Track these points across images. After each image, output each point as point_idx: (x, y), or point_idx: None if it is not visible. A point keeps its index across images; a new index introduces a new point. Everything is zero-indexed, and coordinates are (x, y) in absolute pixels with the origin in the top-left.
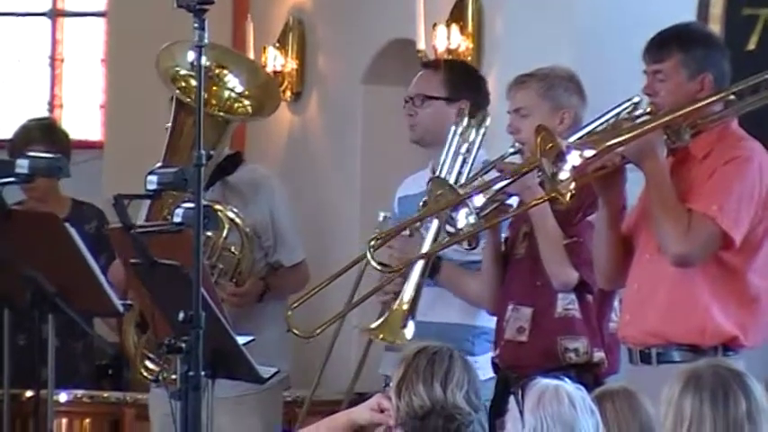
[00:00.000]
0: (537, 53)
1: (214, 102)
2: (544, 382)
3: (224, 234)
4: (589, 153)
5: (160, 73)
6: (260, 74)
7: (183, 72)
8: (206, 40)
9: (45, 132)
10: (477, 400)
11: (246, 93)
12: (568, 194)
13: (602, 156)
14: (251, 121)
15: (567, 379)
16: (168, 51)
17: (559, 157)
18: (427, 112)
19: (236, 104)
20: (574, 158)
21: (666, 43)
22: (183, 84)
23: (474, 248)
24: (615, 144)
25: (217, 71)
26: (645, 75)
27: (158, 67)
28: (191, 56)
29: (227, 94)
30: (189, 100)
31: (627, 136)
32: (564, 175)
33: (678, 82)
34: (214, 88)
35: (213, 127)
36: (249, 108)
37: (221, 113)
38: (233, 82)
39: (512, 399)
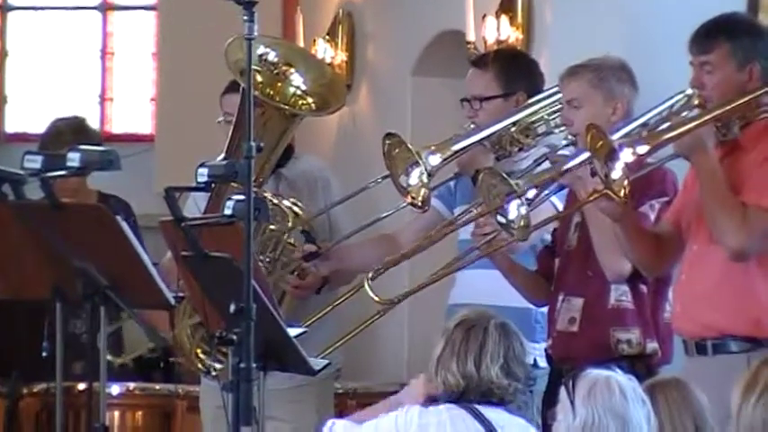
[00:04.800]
0: (587, 43)
1: (278, 98)
2: (595, 372)
3: (287, 228)
4: (642, 150)
5: (229, 65)
6: (326, 72)
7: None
8: (255, 33)
9: (76, 132)
10: (520, 367)
11: (311, 91)
12: (622, 191)
13: (655, 151)
14: (315, 116)
15: (618, 369)
16: (237, 44)
17: (611, 155)
18: (487, 113)
19: (300, 101)
20: (626, 156)
21: (712, 34)
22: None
23: (526, 239)
24: (667, 140)
25: (284, 68)
26: (692, 66)
27: (227, 60)
28: (260, 50)
29: (291, 90)
30: (257, 93)
31: (679, 131)
32: (616, 173)
33: (726, 73)
34: (279, 84)
35: (279, 121)
36: (313, 105)
37: (287, 107)
38: (298, 80)
39: (562, 389)
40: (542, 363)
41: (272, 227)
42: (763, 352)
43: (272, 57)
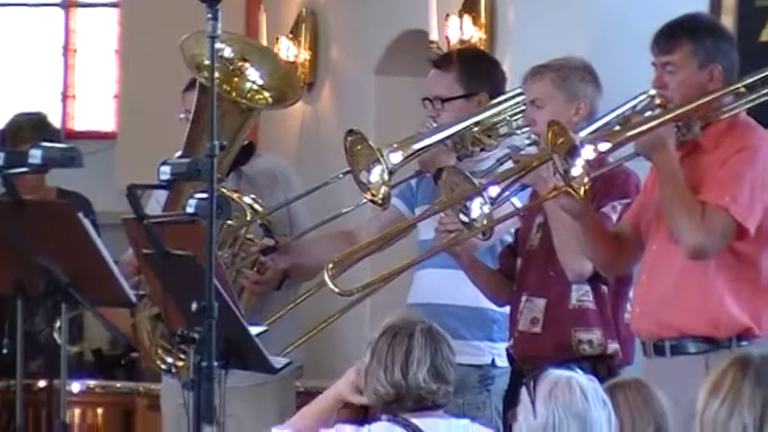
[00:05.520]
0: (550, 43)
1: (235, 93)
2: (556, 373)
3: (245, 222)
4: (603, 147)
5: (186, 60)
6: (281, 66)
7: (207, 61)
8: (219, 31)
9: (35, 128)
10: (449, 370)
11: (267, 85)
12: (582, 189)
13: (616, 150)
14: (272, 110)
15: (579, 370)
16: (194, 39)
17: (572, 152)
18: (449, 113)
19: (257, 96)
20: (587, 153)
21: (675, 34)
22: (207, 73)
23: (489, 239)
24: (628, 138)
25: (239, 63)
26: (654, 66)
27: (183, 55)
28: (216, 46)
29: (248, 85)
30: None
31: (639, 130)
32: (577, 170)
33: (687, 73)
34: (235, 80)
35: (236, 116)
36: (270, 99)
37: (244, 101)
38: (254, 75)
39: (523, 390)
40: (500, 362)
41: (230, 222)
42: (722, 353)
43: (227, 53)
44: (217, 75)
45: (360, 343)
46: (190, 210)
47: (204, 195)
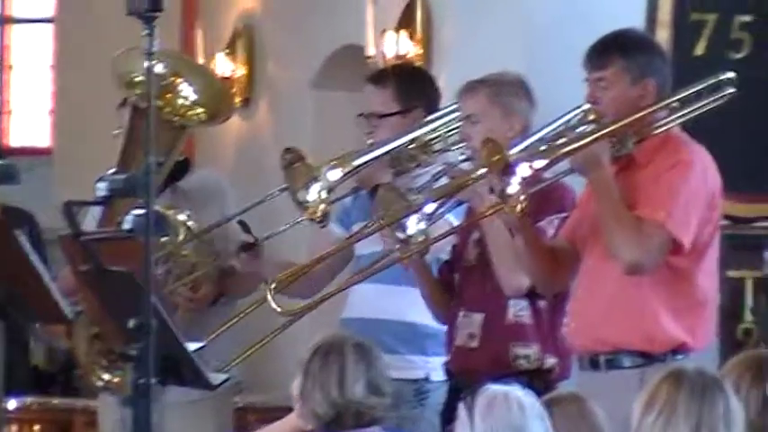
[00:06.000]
0: (486, 59)
1: (168, 109)
2: (494, 388)
3: (179, 239)
4: (538, 164)
5: (116, 78)
6: (215, 82)
7: (139, 78)
8: (156, 47)
9: None
10: (385, 384)
11: (200, 101)
12: (518, 206)
13: (551, 167)
14: (205, 126)
15: (517, 385)
16: (125, 57)
17: (508, 170)
18: (385, 129)
19: (189, 112)
20: (523, 170)
21: (608, 50)
22: (139, 90)
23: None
24: (562, 154)
25: (172, 79)
26: (587, 82)
27: (114, 72)
28: (148, 62)
29: (180, 102)
30: (145, 105)
31: (574, 146)
32: (513, 188)
33: (621, 89)
34: (168, 96)
35: (169, 132)
36: (203, 116)
37: (177, 118)
38: (187, 90)
39: (461, 405)
40: (435, 377)
41: (163, 239)
42: (657, 367)
43: (159, 68)
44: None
45: (298, 358)
46: (127, 226)
47: (141, 211)
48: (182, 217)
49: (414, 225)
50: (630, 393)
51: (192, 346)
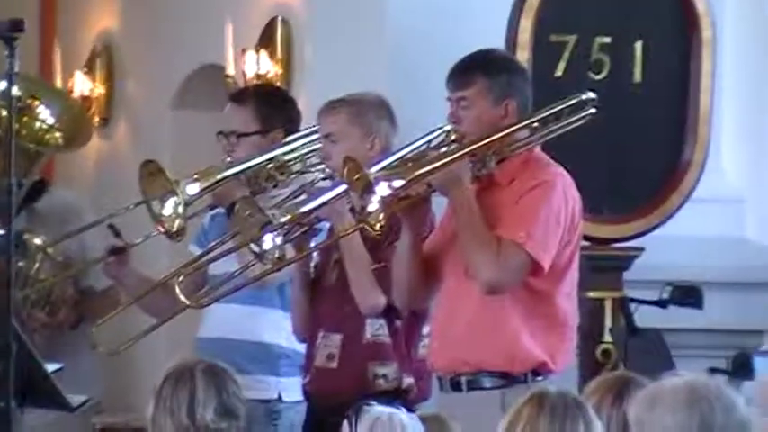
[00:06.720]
0: (347, 79)
1: (25, 132)
2: (378, 409)
3: (36, 263)
4: (398, 184)
5: None
6: (72, 106)
7: None
8: (17, 69)
9: None
10: (236, 404)
11: (58, 125)
12: (378, 225)
13: (411, 186)
14: (63, 152)
15: (402, 408)
16: None
17: (368, 189)
18: (244, 149)
19: (47, 135)
20: (382, 189)
21: (469, 70)
22: None
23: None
24: (423, 174)
25: (28, 101)
26: (449, 102)
27: None
28: (1, 85)
29: (38, 125)
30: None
31: (434, 166)
32: (373, 206)
33: (482, 109)
34: (25, 119)
35: (25, 158)
36: (60, 140)
37: (32, 145)
38: (44, 113)
39: (345, 424)
40: (287, 397)
41: (20, 264)
42: (518, 388)
43: (15, 90)
44: (5, 113)
45: (156, 377)
46: None
47: (0, 233)
48: (38, 241)
49: (270, 240)
50: (491, 413)
51: (50, 368)
